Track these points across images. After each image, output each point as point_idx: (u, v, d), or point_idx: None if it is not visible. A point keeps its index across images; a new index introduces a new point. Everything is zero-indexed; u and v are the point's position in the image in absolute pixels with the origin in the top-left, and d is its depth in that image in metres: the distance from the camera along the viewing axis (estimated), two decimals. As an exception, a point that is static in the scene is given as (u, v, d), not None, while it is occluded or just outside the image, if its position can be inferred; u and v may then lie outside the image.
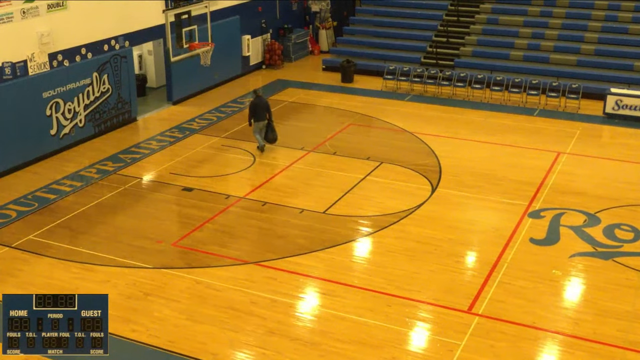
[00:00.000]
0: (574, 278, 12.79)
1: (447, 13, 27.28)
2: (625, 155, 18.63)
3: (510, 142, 19.37)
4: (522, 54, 24.95)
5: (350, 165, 17.68)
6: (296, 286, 12.48)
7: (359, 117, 21.48)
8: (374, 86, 24.63)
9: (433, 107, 22.67)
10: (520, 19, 26.15)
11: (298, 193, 16.18)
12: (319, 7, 29.73)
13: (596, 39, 24.70)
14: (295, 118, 21.57)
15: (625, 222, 14.66)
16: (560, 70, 23.91)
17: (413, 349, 10.90)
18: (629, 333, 11.05)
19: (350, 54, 26.67)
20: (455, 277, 12.75)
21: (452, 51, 25.83)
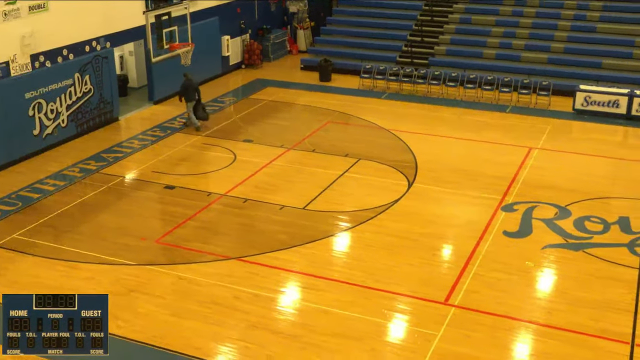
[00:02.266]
0: (547, 269, 12.92)
1: (421, 13, 27.37)
2: (594, 149, 18.82)
3: (484, 138, 19.50)
4: (494, 52, 25.11)
5: (329, 162, 17.70)
6: (278, 281, 12.48)
7: (337, 115, 21.50)
8: (351, 85, 24.66)
9: (409, 104, 22.75)
10: (492, 18, 26.31)
11: (278, 190, 16.17)
12: (296, 8, 29.70)
13: (565, 37, 24.92)
14: (275, 116, 21.54)
15: (594, 214, 14.82)
16: (531, 68, 24.09)
17: (392, 340, 10.95)
18: (600, 321, 11.18)
19: (327, 53, 26.69)
20: (432, 270, 12.83)
21: (426, 50, 25.93)
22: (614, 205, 15.40)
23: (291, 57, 29.08)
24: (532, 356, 10.52)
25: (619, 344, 10.64)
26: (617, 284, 12.25)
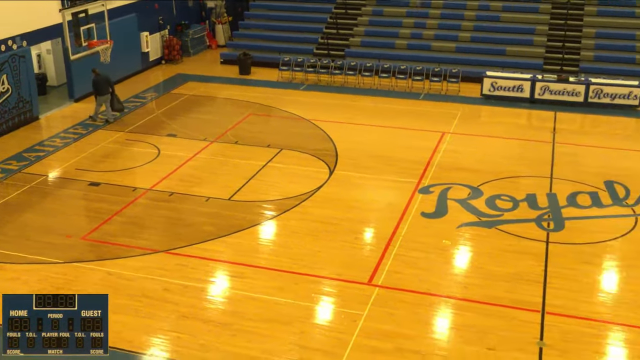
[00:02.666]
0: (462, 246, 13.23)
1: (335, 6, 27.47)
2: (502, 132, 19.36)
3: (399, 125, 19.77)
4: (406, 42, 25.47)
5: (252, 153, 17.60)
6: (206, 271, 12.36)
7: (258, 107, 21.38)
8: (271, 77, 24.56)
9: (327, 95, 22.84)
10: (403, 10, 26.65)
11: (203, 182, 15.98)
12: (214, 3, 29.36)
13: (472, 27, 25.50)
14: (197, 110, 21.25)
15: (504, 192, 15.25)
16: (441, 57, 24.56)
17: (320, 322, 11.01)
18: (513, 293, 11.53)
19: (246, 47, 26.48)
20: (355, 253, 12.94)
21: (342, 42, 26.08)
22: (522, 183, 15.88)
23: (210, 51, 28.74)
24: (452, 329, 10.76)
25: (531, 312, 11.00)
26: (527, 257, 12.66)
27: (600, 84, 21.39)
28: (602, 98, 21.36)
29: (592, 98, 21.41)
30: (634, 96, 21.11)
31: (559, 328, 10.63)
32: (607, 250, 13.02)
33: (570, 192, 15.25)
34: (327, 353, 10.07)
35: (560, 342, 10.31)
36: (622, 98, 21.23)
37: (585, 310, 11.09)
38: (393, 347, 10.17)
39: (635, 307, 11.17)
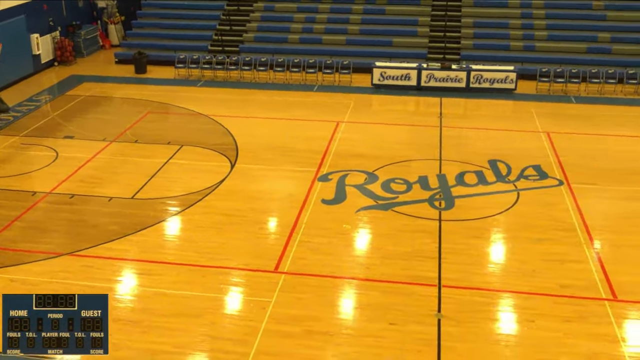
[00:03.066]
0: (362, 229, 13.43)
1: (227, 3, 27.20)
2: (392, 119, 19.79)
3: (296, 117, 19.84)
4: (298, 37, 25.55)
5: (152, 151, 17.20)
6: (113, 271, 11.99)
7: (156, 105, 20.91)
8: (167, 75, 24.07)
9: (224, 90, 22.62)
10: (294, 5, 26.71)
11: (105, 182, 15.48)
12: (105, 3, 28.40)
13: (359, 20, 25.87)
14: (94, 111, 20.55)
15: (398, 176, 15.59)
16: (332, 50, 24.80)
17: (230, 312, 10.94)
18: (411, 270, 11.83)
19: (141, 46, 25.79)
20: (261, 242, 12.91)
21: (236, 38, 25.86)
22: (414, 166, 16.28)
23: (104, 51, 27.82)
24: (356, 308, 10.94)
25: (428, 287, 11.31)
26: (422, 235, 13.01)
27: (480, 70, 22.23)
28: (482, 83, 22.21)
29: (473, 83, 22.22)
30: (510, 80, 22.06)
31: (454, 299, 11.00)
32: (494, 224, 13.57)
33: (458, 172, 15.78)
34: (238, 341, 10.02)
35: (456, 312, 10.68)
36: (500, 82, 22.14)
37: (478, 281, 11.54)
38: (302, 330, 10.24)
39: (521, 275, 11.71)
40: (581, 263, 12.05)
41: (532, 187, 15.08)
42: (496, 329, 10.37)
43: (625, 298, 11.02)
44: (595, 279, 11.55)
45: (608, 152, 17.17)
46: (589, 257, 12.23)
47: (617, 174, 15.73)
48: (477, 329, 10.29)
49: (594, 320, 10.49)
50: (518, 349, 9.92)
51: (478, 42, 24.75)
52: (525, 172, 15.78)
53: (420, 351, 9.81)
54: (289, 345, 9.92)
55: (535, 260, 12.16)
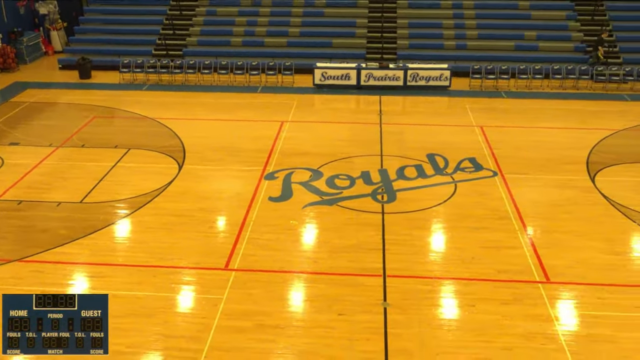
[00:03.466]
0: (309, 225, 13.44)
1: (170, 8, 26.83)
2: (334, 117, 19.86)
3: (241, 117, 19.72)
4: (240, 40, 25.38)
5: (100, 155, 16.83)
6: (64, 275, 11.68)
7: (102, 110, 20.46)
8: (112, 80, 23.58)
9: (169, 93, 22.30)
10: (235, 9, 26.53)
11: (53, 188, 15.07)
12: (47, 10, 27.59)
13: (300, 22, 25.88)
14: (39, 117, 19.97)
15: (342, 172, 15.67)
16: (274, 52, 24.73)
17: (182, 310, 10.80)
18: (357, 262, 11.91)
19: (84, 51, 25.19)
20: (210, 241, 12.79)
21: (179, 42, 25.53)
22: (356, 162, 16.38)
23: (48, 58, 27.08)
24: (306, 301, 10.95)
25: (374, 277, 11.41)
26: (367, 228, 13.11)
27: (416, 68, 22.51)
28: (418, 81, 22.50)
29: (410, 82, 22.49)
30: (444, 78, 22.42)
31: (399, 288, 11.13)
32: (434, 215, 13.78)
33: (399, 167, 15.96)
34: (191, 338, 9.91)
35: (401, 300, 10.80)
36: (435, 80, 22.47)
37: (420, 270, 11.69)
38: (254, 325, 10.20)
39: (460, 262, 11.93)
40: (516, 249, 12.35)
41: (469, 179, 15.37)
42: (439, 314, 10.54)
43: (557, 280, 11.35)
44: (529, 263, 11.86)
45: (538, 143, 17.63)
46: (523, 243, 12.54)
47: (547, 164, 16.18)
48: (421, 316, 10.43)
49: (529, 302, 10.76)
50: (460, 332, 10.10)
51: (413, 42, 25.07)
52: (462, 165, 16.06)
53: (368, 339, 9.89)
54: (241, 340, 9.87)
55: (473, 247, 12.40)
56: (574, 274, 11.53)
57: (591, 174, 15.54)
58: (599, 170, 15.78)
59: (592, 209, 13.88)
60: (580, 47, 24.37)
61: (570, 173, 15.62)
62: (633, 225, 13.26)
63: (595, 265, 11.79)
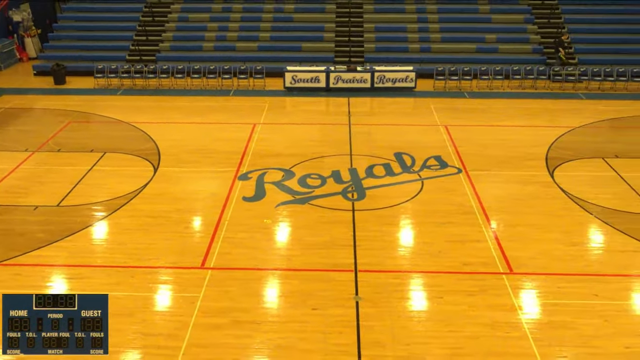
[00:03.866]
0: (282, 223, 13.43)
1: (142, 14, 26.58)
2: (305, 119, 19.88)
3: (215, 120, 19.62)
4: (212, 45, 25.25)
5: (76, 159, 16.60)
6: (43, 277, 11.51)
7: (77, 115, 20.18)
8: (87, 85, 23.27)
9: (143, 98, 22.09)
10: (206, 15, 26.38)
11: (30, 192, 14.82)
12: (20, 17, 27.11)
13: (270, 27, 25.84)
14: (15, 123, 19.62)
15: (313, 172, 15.69)
16: (245, 56, 24.65)
17: (160, 309, 10.70)
18: (330, 258, 11.93)
19: (59, 57, 24.81)
20: (186, 241, 12.71)
21: (152, 47, 25.29)
22: (327, 162, 16.41)
23: (22, 64, 26.62)
24: (280, 297, 10.94)
25: (346, 273, 11.45)
26: (338, 225, 13.13)
27: (383, 71, 22.63)
28: (385, 83, 22.61)
29: (377, 83, 22.59)
30: (410, 79, 22.57)
31: (370, 283, 11.18)
32: (402, 211, 13.86)
33: (368, 165, 16.03)
34: (169, 336, 9.84)
35: (372, 294, 10.86)
36: (401, 82, 22.61)
37: (390, 264, 11.76)
38: (230, 321, 10.16)
39: (428, 256, 12.03)
40: (480, 242, 12.49)
41: (434, 176, 15.49)
42: (409, 306, 10.61)
43: (519, 271, 11.52)
44: (493, 255, 12.01)
45: (499, 141, 17.85)
46: (487, 237, 12.69)
47: (509, 161, 16.39)
48: (392, 308, 10.50)
49: (493, 292, 10.90)
50: (429, 323, 10.19)
51: (380, 45, 25.18)
52: (428, 163, 16.19)
53: (341, 332, 9.92)
54: (219, 336, 9.83)
55: (440, 242, 12.51)
56: (536, 264, 11.71)
57: (550, 170, 15.79)
58: (557, 165, 16.04)
59: (552, 203, 14.10)
60: (538, 48, 24.74)
61: (530, 169, 15.86)
62: (590, 217, 13.51)
63: (555, 256, 11.99)
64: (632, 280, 11.32)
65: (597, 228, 13.10)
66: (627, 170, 15.74)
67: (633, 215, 13.53)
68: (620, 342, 9.70)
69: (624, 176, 15.40)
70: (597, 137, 18.21)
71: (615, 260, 11.89)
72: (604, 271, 11.54)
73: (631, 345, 9.66)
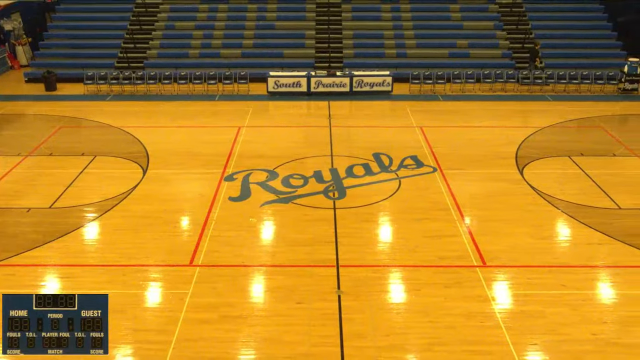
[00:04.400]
0: (267, 221, 13.41)
1: (130, 23, 26.37)
2: (287, 122, 19.86)
3: (201, 124, 19.53)
4: (198, 51, 25.13)
5: (67, 162, 16.44)
6: (36, 277, 11.38)
7: (68, 120, 19.98)
8: (77, 91, 23.05)
9: (132, 103, 21.93)
10: (192, 23, 26.25)
11: (22, 194, 14.65)
12: (12, 26, 26.76)
13: (253, 35, 25.76)
14: (7, 128, 19.38)
15: (296, 172, 15.69)
16: (230, 62, 24.57)
17: (151, 305, 10.64)
18: (313, 254, 11.94)
19: (49, 65, 24.54)
20: (175, 240, 12.64)
21: (140, 54, 25.11)
22: (309, 163, 16.41)
23: (14, 72, 26.28)
24: (266, 292, 10.93)
25: (328, 268, 11.46)
26: (320, 223, 13.14)
27: (361, 75, 22.68)
28: (363, 87, 22.66)
29: (356, 88, 22.64)
30: (386, 83, 22.65)
31: (351, 277, 11.20)
32: (380, 209, 13.91)
33: (348, 165, 16.05)
34: (160, 331, 9.79)
35: (353, 288, 10.88)
36: (379, 86, 22.68)
37: (370, 259, 11.79)
38: (219, 316, 10.13)
39: (406, 251, 12.08)
40: (455, 237, 12.57)
41: (411, 175, 15.57)
42: (388, 299, 10.65)
43: (492, 264, 11.61)
44: (467, 249, 12.09)
45: (472, 141, 17.98)
46: (461, 232, 12.77)
47: (481, 160, 16.51)
48: (372, 301, 10.53)
49: (468, 284, 10.98)
50: (407, 314, 10.23)
51: (358, 51, 25.24)
52: (405, 162, 16.26)
53: (324, 325, 9.94)
54: (207, 330, 9.80)
55: (417, 237, 12.57)
56: (507, 257, 11.81)
57: (520, 168, 15.94)
58: (526, 164, 16.20)
59: (522, 199, 14.24)
60: (507, 53, 24.94)
61: (501, 167, 15.99)
62: (557, 212, 13.66)
63: (526, 249, 12.10)
64: (597, 270, 11.47)
65: (564, 222, 13.26)
66: (591, 167, 15.95)
67: (597, 210, 13.71)
68: (587, 329, 9.83)
69: (588, 173, 15.60)
70: (563, 137, 18.41)
71: (581, 253, 12.04)
72: (571, 263, 11.68)
73: (597, 332, 9.79)
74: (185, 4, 27.21)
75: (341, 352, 9.36)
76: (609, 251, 12.08)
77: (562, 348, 9.44)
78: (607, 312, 10.28)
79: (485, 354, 9.33)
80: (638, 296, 10.70)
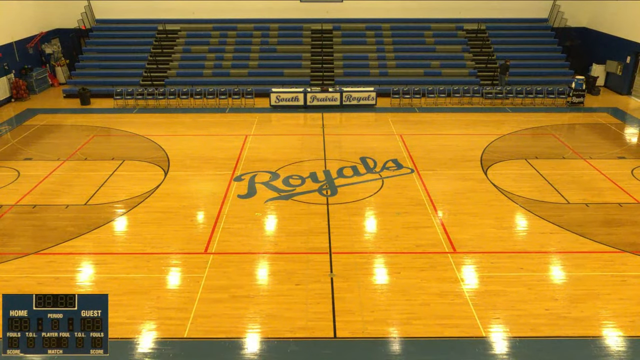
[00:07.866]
0: (270, 215, 13.39)
1: (153, 47, 26.29)
2: (287, 131, 19.82)
3: (213, 133, 19.48)
4: (211, 71, 25.05)
5: (100, 166, 16.37)
6: (73, 263, 11.34)
7: (100, 130, 19.89)
8: (108, 105, 22.94)
9: (155, 115, 21.85)
10: (206, 47, 26.17)
11: (61, 193, 14.59)
12: (52, 50, 26.65)
13: (258, 57, 25.71)
14: (48, 137, 19.28)
15: (294, 173, 15.66)
16: (238, 80, 24.50)
17: (171, 287, 10.61)
18: (309, 243, 11.94)
19: (84, 83, 24.44)
20: (192, 231, 12.61)
21: (162, 74, 25.02)
22: (305, 165, 16.39)
23: (54, 89, 26.14)
24: (269, 275, 10.91)
25: (322, 255, 11.47)
26: (315, 216, 13.14)
27: (349, 91, 22.65)
28: (351, 101, 22.64)
29: (345, 101, 22.61)
30: (371, 98, 22.62)
31: (341, 262, 11.20)
32: (366, 204, 13.91)
33: (339, 167, 16.04)
34: (179, 309, 9.76)
35: (343, 271, 10.88)
36: (364, 100, 22.66)
37: (358, 247, 11.79)
38: (229, 296, 10.11)
39: (389, 239, 12.08)
40: (430, 227, 12.58)
41: (392, 175, 15.56)
42: (373, 281, 10.65)
43: (461, 250, 11.62)
44: (440, 238, 12.10)
45: (443, 146, 17.99)
46: (434, 223, 12.78)
47: (451, 162, 16.52)
48: (360, 283, 10.53)
49: (441, 268, 10.99)
50: (390, 294, 10.23)
51: (347, 70, 25.22)
52: (387, 165, 16.26)
53: (319, 303, 9.93)
54: (220, 308, 9.77)
55: (397, 228, 12.57)
56: (474, 245, 11.83)
57: (484, 169, 15.96)
58: (489, 165, 16.22)
59: (486, 195, 14.26)
60: (473, 72, 24.97)
61: (468, 168, 16.01)
62: (516, 206, 13.69)
63: (489, 238, 12.12)
64: (550, 256, 11.49)
65: (522, 215, 13.28)
66: (544, 168, 15.98)
67: (549, 204, 13.74)
68: (541, 305, 9.85)
69: (542, 173, 15.63)
70: (520, 143, 18.45)
71: (535, 240, 12.06)
72: (527, 249, 11.70)
73: (550, 307, 9.81)
74: (200, 30, 27.14)
75: (334, 326, 9.35)
76: (560, 239, 12.10)
77: (520, 321, 9.47)
78: (558, 290, 10.30)
79: (455, 326, 9.33)
80: (584, 277, 10.73)
